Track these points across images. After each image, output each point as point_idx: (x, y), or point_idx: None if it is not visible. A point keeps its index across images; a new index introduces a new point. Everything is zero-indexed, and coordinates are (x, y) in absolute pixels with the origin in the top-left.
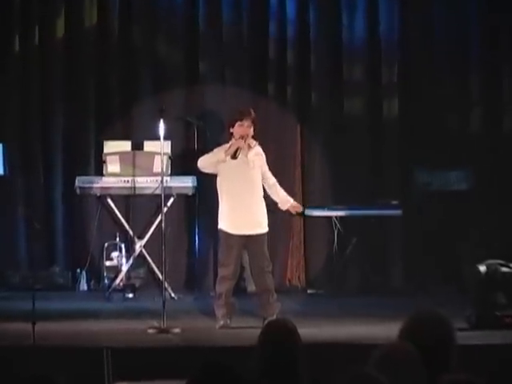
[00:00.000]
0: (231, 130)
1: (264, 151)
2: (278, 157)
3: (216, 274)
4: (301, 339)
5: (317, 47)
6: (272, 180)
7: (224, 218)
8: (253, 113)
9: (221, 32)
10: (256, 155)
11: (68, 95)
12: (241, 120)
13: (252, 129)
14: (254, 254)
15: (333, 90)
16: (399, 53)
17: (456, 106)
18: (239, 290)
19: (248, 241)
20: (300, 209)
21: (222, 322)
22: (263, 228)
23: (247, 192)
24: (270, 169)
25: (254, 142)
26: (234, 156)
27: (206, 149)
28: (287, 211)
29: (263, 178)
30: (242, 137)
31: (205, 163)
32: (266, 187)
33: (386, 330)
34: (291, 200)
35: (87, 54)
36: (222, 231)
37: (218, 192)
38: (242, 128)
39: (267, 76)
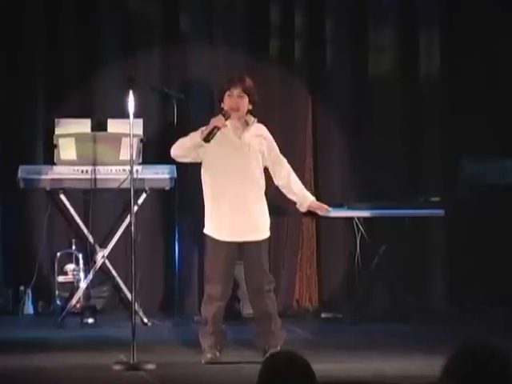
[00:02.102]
0: (222, 105)
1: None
2: (282, 138)
3: (202, 293)
4: (315, 378)
5: None
6: (285, 170)
7: (210, 220)
8: (248, 80)
9: None
10: (257, 136)
11: (8, 61)
12: (229, 89)
13: (245, 100)
14: (250, 267)
15: (354, 51)
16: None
17: None
18: (232, 313)
19: (242, 250)
20: (329, 209)
21: (209, 356)
22: (262, 233)
23: (241, 186)
24: None
25: (252, 119)
26: (207, 139)
27: (188, 129)
28: (308, 213)
29: (271, 168)
30: (230, 110)
31: (178, 150)
32: (277, 180)
33: (424, 367)
34: (312, 197)
35: (33, 7)
36: (208, 237)
37: (203, 186)
38: (231, 99)
39: (269, 34)
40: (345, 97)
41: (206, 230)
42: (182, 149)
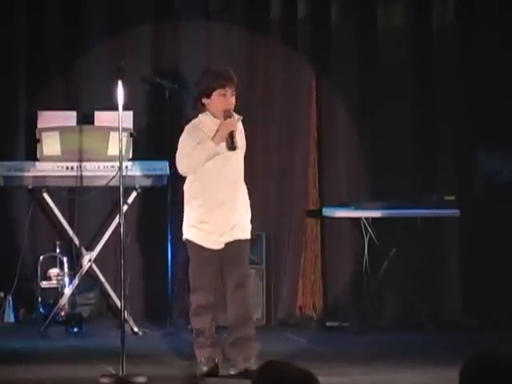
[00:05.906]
0: (204, 102)
1: (265, 119)
2: (282, 128)
3: None
4: None
5: None
6: None
7: (194, 225)
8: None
9: None
10: (239, 133)
11: None
12: (222, 87)
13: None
14: (231, 261)
15: (364, 24)
16: None
17: None
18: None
19: (224, 249)
20: None
21: (205, 368)
22: (245, 234)
23: (230, 188)
24: (270, 149)
25: (236, 117)
26: (232, 146)
27: (182, 123)
28: None
29: None
30: (226, 112)
31: (192, 164)
32: None
33: (437, 380)
34: None
35: None
36: (190, 243)
37: (185, 193)
38: (225, 99)
39: (269, 6)
40: (354, 79)
41: (188, 235)
42: (198, 163)
